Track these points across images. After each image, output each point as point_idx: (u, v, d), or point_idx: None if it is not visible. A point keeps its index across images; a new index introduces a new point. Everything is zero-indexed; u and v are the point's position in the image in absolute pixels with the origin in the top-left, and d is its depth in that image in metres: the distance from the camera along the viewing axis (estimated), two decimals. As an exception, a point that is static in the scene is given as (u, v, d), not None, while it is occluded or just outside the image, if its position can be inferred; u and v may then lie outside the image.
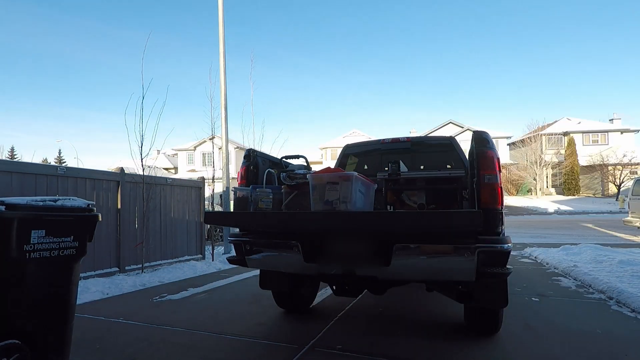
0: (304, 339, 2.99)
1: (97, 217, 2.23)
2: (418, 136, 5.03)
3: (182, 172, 36.36)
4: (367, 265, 2.56)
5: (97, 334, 3.18)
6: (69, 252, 2.08)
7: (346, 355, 2.69)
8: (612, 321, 3.42)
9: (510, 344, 2.87)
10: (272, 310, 3.77)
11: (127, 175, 6.19)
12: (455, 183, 3.71)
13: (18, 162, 5.77)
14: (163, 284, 5.42)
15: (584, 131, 33.38)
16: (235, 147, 31.73)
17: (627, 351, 2.71)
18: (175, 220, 7.20)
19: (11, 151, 43.91)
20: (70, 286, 2.12)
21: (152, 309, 4.02)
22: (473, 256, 2.30)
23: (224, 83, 8.52)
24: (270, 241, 2.86)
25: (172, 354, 2.76)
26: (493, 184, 2.43)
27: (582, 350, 2.75)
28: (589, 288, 4.72)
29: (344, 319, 3.56)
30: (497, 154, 2.55)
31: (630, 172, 28.38)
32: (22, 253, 1.88)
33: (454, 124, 33.74)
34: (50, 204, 2.03)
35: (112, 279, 5.40)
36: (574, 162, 30.65)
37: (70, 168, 5.53)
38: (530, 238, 11.05)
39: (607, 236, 11.25)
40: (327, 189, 2.52)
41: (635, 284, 4.36)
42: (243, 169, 3.34)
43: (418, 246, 2.43)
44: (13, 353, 1.83)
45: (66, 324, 2.10)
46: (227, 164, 8.58)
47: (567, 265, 5.86)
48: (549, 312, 3.70)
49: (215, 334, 3.14)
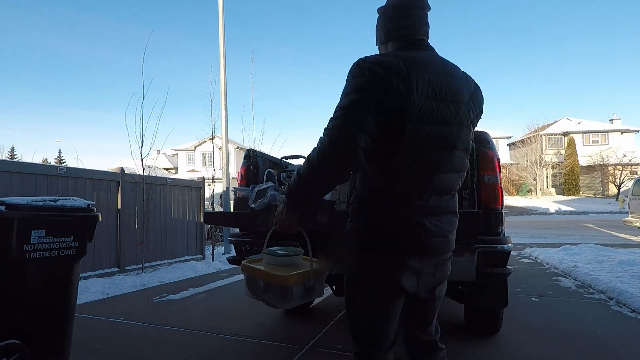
0: (304, 339, 2.99)
1: (97, 217, 2.23)
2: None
3: (182, 172, 36.35)
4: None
5: (97, 334, 3.18)
6: (69, 252, 2.07)
7: (346, 355, 2.69)
8: (612, 321, 3.42)
9: (511, 344, 2.87)
10: (272, 311, 3.76)
11: (127, 175, 6.19)
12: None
13: (18, 162, 5.78)
14: (163, 284, 5.42)
15: (584, 131, 33.38)
16: (236, 147, 31.72)
17: (627, 351, 2.71)
18: (175, 220, 7.20)
19: (11, 151, 43.93)
20: (70, 286, 2.12)
21: (152, 309, 4.02)
22: (473, 256, 2.30)
23: (224, 83, 8.52)
24: (270, 241, 2.86)
25: (172, 354, 2.76)
26: (493, 184, 2.43)
27: (583, 350, 2.75)
28: (589, 288, 4.72)
29: (344, 319, 3.56)
30: (497, 154, 2.55)
31: (630, 173, 28.38)
32: (22, 253, 1.88)
33: (454, 124, 33.68)
34: (50, 204, 2.03)
35: (112, 279, 5.40)
36: (574, 162, 30.65)
37: (70, 168, 5.54)
38: (531, 238, 11.04)
39: (607, 236, 11.25)
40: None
41: (635, 284, 4.36)
42: (243, 169, 3.33)
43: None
44: (13, 353, 1.83)
45: (66, 324, 2.10)
46: (227, 164, 8.58)
47: (567, 265, 5.85)
48: (549, 313, 3.70)
49: (215, 334, 3.14)
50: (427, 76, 1.22)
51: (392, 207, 1.25)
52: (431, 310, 1.44)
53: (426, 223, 1.25)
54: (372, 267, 1.28)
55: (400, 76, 1.18)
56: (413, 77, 1.19)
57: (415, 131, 1.20)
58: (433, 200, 1.27)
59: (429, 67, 1.25)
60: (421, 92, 1.20)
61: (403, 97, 1.17)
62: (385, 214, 1.26)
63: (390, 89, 1.17)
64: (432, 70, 1.25)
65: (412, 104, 1.18)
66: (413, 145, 1.21)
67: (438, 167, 1.26)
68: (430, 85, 1.22)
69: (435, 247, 1.29)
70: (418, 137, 1.21)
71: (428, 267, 1.30)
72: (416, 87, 1.19)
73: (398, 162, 1.22)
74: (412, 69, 1.20)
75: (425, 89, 1.21)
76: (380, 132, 1.19)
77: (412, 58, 1.25)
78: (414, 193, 1.25)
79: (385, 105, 1.17)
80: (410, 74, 1.19)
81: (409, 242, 1.25)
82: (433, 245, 1.28)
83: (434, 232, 1.26)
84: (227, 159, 8.60)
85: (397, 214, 1.25)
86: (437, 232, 1.27)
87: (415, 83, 1.19)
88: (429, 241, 1.26)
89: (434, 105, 1.23)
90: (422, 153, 1.23)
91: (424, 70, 1.23)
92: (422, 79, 1.21)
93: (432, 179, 1.26)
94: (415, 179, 1.25)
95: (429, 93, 1.22)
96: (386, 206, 1.26)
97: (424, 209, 1.26)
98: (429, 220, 1.26)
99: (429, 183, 1.26)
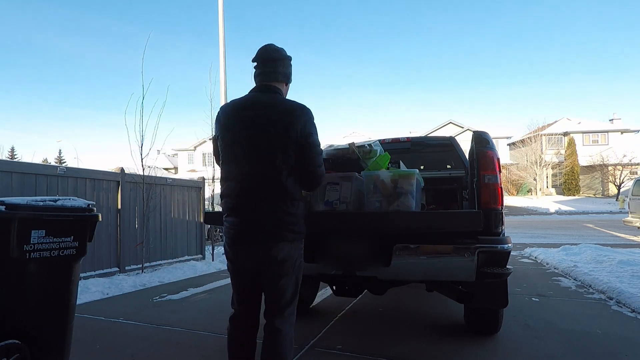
0: (304, 339, 2.98)
1: (97, 217, 2.23)
2: (418, 136, 5.02)
3: (183, 172, 36.36)
4: (367, 265, 2.56)
5: (97, 334, 3.18)
6: (69, 252, 2.07)
7: (346, 355, 2.69)
8: (612, 321, 3.42)
9: (511, 344, 2.87)
10: (272, 311, 3.76)
11: (127, 175, 6.19)
12: (455, 183, 3.71)
13: (18, 162, 5.78)
14: (163, 283, 5.42)
15: (584, 131, 33.37)
16: (236, 147, 31.65)
17: (627, 351, 2.71)
18: (175, 220, 7.20)
19: (11, 151, 43.85)
20: (70, 286, 2.12)
21: (152, 309, 4.02)
22: (473, 256, 2.30)
23: (224, 83, 8.52)
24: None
25: (172, 354, 2.76)
26: (493, 184, 2.43)
27: (582, 350, 2.75)
28: (589, 288, 4.72)
29: (344, 319, 3.56)
30: (497, 154, 2.55)
31: (630, 173, 28.38)
32: (22, 253, 1.88)
33: (454, 124, 33.72)
34: (50, 204, 2.03)
35: (112, 279, 5.40)
36: (574, 162, 30.64)
37: (70, 168, 5.53)
38: (530, 238, 11.05)
39: (607, 236, 11.25)
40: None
41: (635, 284, 4.36)
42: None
43: (418, 246, 2.43)
44: (13, 353, 1.83)
45: (66, 324, 2.10)
46: (227, 164, 8.55)
47: (567, 265, 5.86)
48: (549, 313, 3.70)
49: (215, 334, 3.14)
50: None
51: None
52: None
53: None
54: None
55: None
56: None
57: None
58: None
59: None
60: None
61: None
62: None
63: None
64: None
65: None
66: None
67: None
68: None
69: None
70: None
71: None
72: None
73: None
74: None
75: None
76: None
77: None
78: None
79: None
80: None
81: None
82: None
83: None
84: (227, 159, 8.58)
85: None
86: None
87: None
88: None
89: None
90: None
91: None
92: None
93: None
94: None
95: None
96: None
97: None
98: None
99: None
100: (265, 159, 1.71)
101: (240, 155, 1.75)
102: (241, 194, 1.74)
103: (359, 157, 2.70)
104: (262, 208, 1.70)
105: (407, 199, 2.37)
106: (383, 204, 2.42)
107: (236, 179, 1.76)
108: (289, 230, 1.72)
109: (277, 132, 1.71)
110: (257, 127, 1.73)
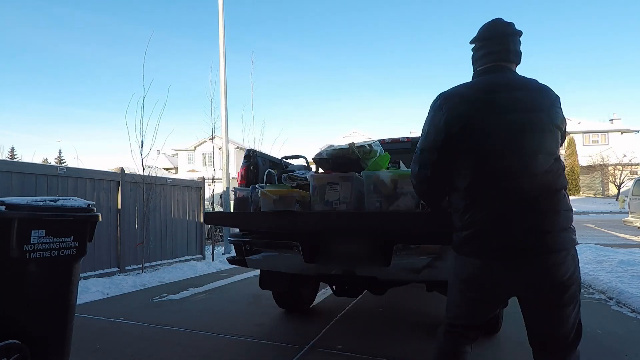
0: (304, 339, 2.99)
1: (97, 217, 2.23)
2: (418, 136, 5.02)
3: (183, 172, 36.36)
4: (367, 265, 2.56)
5: (97, 334, 3.18)
6: (69, 252, 2.08)
7: (346, 355, 2.69)
8: (612, 321, 3.42)
9: (510, 344, 2.87)
10: (272, 310, 3.77)
11: (127, 175, 6.19)
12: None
13: (18, 162, 5.78)
14: (163, 284, 5.42)
15: (584, 131, 33.37)
16: (236, 147, 31.72)
17: (627, 351, 2.71)
18: (176, 220, 7.20)
19: (11, 151, 43.85)
20: (70, 286, 2.12)
21: (152, 309, 4.02)
22: (473, 256, 2.30)
23: (224, 83, 8.52)
24: (270, 241, 2.86)
25: (172, 354, 2.76)
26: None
27: (582, 350, 2.73)
28: (589, 288, 4.72)
29: (344, 319, 3.56)
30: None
31: (630, 173, 28.37)
32: (22, 253, 1.88)
33: (454, 124, 33.69)
34: (50, 204, 2.03)
35: (112, 279, 5.40)
36: (574, 162, 30.63)
37: (70, 168, 5.54)
38: (531, 238, 11.02)
39: (607, 236, 11.25)
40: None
41: (635, 284, 4.36)
42: (243, 169, 3.34)
43: (418, 246, 2.43)
44: (13, 353, 1.83)
45: (66, 324, 2.10)
46: (227, 164, 8.58)
47: (567, 265, 5.84)
48: (549, 312, 3.69)
49: (215, 334, 3.14)
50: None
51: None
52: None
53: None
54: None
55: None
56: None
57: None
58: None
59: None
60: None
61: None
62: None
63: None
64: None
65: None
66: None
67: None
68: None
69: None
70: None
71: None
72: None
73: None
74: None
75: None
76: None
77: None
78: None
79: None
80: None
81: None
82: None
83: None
84: (227, 159, 8.60)
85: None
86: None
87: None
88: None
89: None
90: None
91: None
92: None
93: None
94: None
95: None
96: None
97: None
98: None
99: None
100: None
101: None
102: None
103: (359, 157, 2.70)
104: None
105: (407, 199, 2.37)
106: (383, 204, 2.41)
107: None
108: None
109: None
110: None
